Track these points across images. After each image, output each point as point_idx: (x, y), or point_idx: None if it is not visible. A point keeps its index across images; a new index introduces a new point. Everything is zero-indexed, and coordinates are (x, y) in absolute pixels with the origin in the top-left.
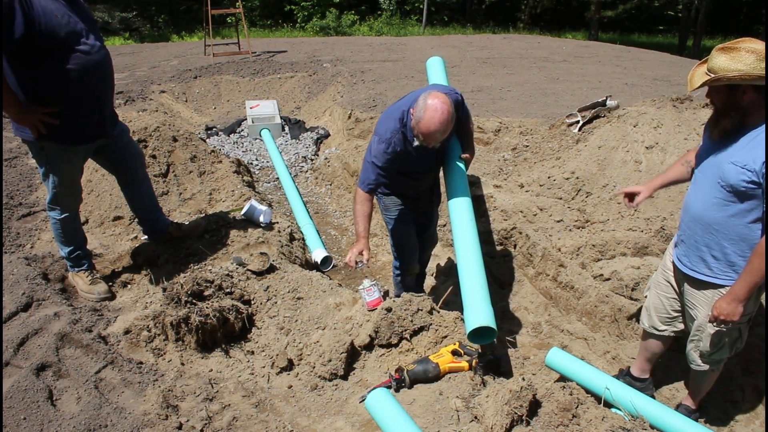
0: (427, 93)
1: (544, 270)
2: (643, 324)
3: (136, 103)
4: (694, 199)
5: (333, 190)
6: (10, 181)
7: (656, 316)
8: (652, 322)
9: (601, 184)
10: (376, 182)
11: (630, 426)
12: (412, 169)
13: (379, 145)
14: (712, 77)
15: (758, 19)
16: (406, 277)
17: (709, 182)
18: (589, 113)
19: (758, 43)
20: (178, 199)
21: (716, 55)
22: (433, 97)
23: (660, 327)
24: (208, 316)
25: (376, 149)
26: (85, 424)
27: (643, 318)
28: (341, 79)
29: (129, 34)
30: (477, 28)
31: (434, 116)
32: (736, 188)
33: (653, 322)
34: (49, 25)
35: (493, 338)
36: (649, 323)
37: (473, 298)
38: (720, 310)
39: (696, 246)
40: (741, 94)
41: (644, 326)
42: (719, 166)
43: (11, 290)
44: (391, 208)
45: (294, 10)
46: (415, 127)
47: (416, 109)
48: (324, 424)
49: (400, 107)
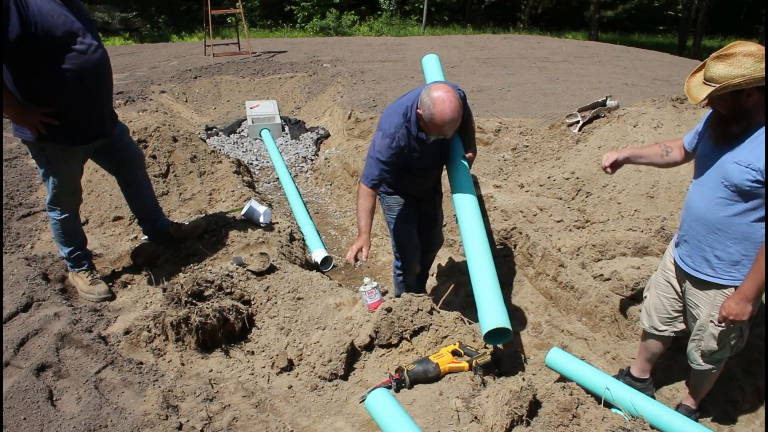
0: (428, 87)
1: (544, 270)
2: (643, 324)
3: (136, 103)
4: (696, 199)
5: (333, 190)
6: (10, 181)
7: (656, 317)
8: (652, 323)
9: (601, 184)
10: (380, 177)
11: (630, 426)
12: (416, 165)
13: (383, 140)
14: (716, 87)
15: (758, 19)
16: (407, 277)
17: (712, 182)
18: (589, 113)
19: (750, 45)
20: (178, 200)
21: (713, 64)
22: (436, 89)
23: (660, 327)
24: (208, 316)
25: (380, 144)
26: (85, 424)
27: (643, 318)
28: (341, 79)
29: (129, 34)
30: (477, 29)
31: (445, 106)
32: (741, 188)
33: (653, 322)
34: (46, 25)
35: (508, 338)
36: (649, 324)
37: (487, 299)
38: (729, 311)
39: (699, 246)
40: (746, 98)
41: (644, 327)
42: (722, 166)
43: (11, 290)
44: (394, 208)
45: (294, 10)
46: (428, 122)
47: (423, 105)
48: (324, 425)
49: (403, 103)
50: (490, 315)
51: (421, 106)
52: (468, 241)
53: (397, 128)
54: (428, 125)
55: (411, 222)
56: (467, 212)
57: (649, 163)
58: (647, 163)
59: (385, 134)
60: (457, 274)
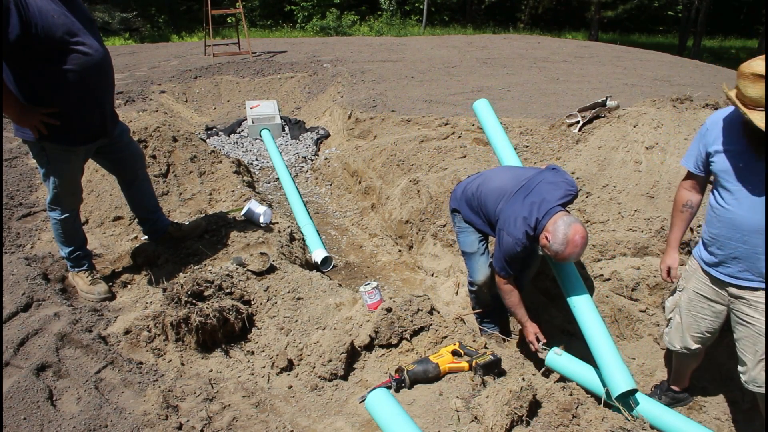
0: (569, 223)
1: (544, 270)
2: (673, 347)
3: (136, 103)
4: (749, 213)
5: (333, 190)
6: (10, 181)
7: (690, 337)
8: (685, 344)
9: (601, 184)
10: (513, 272)
11: (630, 426)
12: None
13: (514, 247)
14: None
15: (758, 19)
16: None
17: (763, 193)
18: (589, 113)
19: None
20: (178, 200)
21: (752, 85)
22: (574, 232)
23: (693, 347)
24: (208, 316)
25: (511, 249)
26: (85, 424)
27: (674, 341)
28: (341, 79)
29: (129, 34)
30: (477, 29)
31: (576, 248)
32: None
33: (687, 343)
34: (46, 25)
35: (635, 395)
36: (681, 345)
37: (614, 362)
38: None
39: (758, 258)
40: None
41: (674, 348)
42: None
43: (11, 290)
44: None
45: (294, 10)
46: (551, 252)
47: (554, 237)
48: (324, 425)
49: (532, 213)
50: (618, 378)
51: (553, 234)
52: (575, 303)
53: (527, 239)
54: (550, 251)
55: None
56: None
57: (688, 224)
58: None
59: (516, 242)
60: (458, 273)
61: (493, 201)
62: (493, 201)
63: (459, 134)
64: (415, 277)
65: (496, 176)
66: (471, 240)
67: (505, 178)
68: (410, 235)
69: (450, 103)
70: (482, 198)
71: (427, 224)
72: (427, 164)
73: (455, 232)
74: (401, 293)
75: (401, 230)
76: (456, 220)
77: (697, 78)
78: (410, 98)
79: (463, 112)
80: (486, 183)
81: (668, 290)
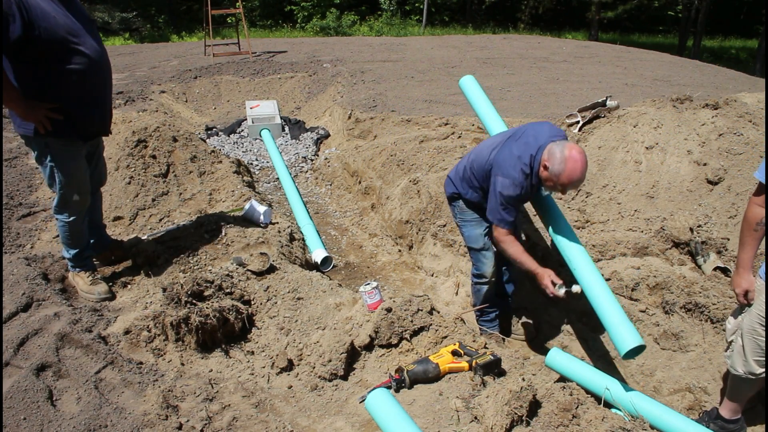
0: (562, 143)
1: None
2: (737, 371)
3: (136, 103)
4: None
5: (333, 190)
6: (10, 181)
7: (754, 362)
8: (749, 368)
9: (601, 184)
10: (515, 222)
11: (630, 426)
12: None
13: (514, 188)
14: None
15: (758, 19)
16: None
17: None
18: (589, 113)
19: None
20: (178, 200)
21: None
22: (572, 148)
23: (758, 371)
24: (208, 316)
25: (508, 191)
26: (85, 424)
27: (737, 365)
28: (341, 79)
29: (129, 34)
30: (477, 29)
31: (577, 167)
32: None
33: (751, 368)
34: (47, 26)
35: (641, 352)
36: (744, 370)
37: (618, 321)
38: None
39: None
40: None
41: (738, 373)
42: None
43: (11, 290)
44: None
45: (294, 10)
46: (551, 176)
47: (553, 158)
48: (324, 425)
49: (525, 151)
50: (624, 336)
51: (550, 158)
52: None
53: (524, 178)
54: (550, 179)
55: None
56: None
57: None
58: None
59: (515, 183)
60: (458, 273)
61: (484, 158)
62: (485, 157)
63: (459, 134)
64: (415, 277)
65: (484, 143)
66: (476, 234)
67: (493, 138)
68: (410, 235)
69: (450, 103)
70: (475, 166)
71: (427, 224)
72: (427, 164)
73: (458, 225)
74: (401, 293)
75: (401, 230)
76: (457, 210)
77: (697, 78)
78: (410, 98)
79: (463, 112)
80: (476, 151)
81: (668, 290)
